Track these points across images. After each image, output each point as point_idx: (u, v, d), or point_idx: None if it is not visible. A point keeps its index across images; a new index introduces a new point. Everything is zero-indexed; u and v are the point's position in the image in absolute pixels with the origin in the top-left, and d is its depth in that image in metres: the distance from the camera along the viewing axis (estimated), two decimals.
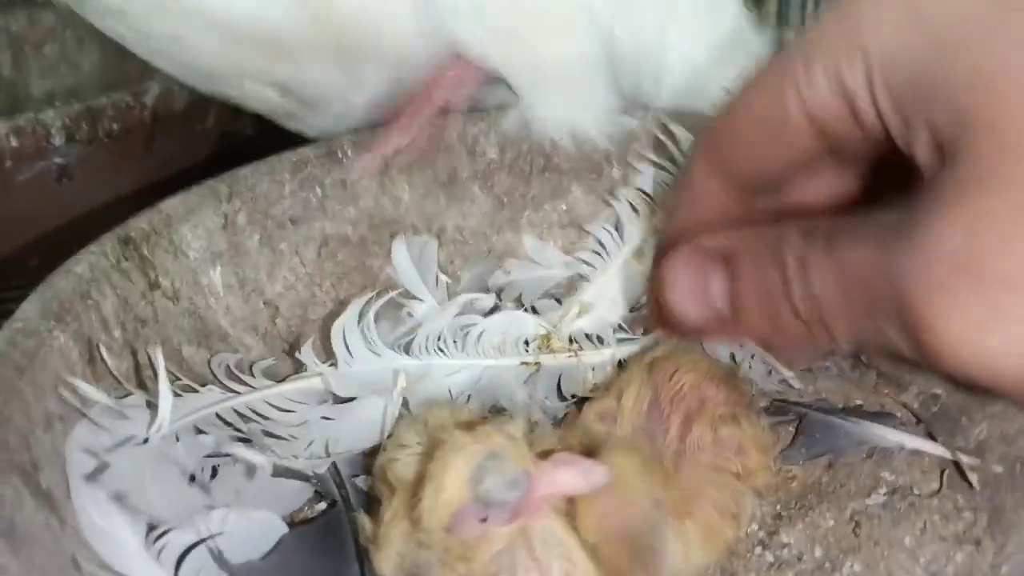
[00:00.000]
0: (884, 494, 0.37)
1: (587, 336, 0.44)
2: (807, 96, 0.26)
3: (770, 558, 0.35)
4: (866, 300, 0.23)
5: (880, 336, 0.23)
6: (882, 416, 0.39)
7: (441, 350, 0.42)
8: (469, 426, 0.32)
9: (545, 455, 0.31)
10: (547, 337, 0.44)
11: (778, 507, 0.37)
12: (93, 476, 0.31)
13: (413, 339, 0.43)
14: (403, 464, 0.33)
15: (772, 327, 0.26)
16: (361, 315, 0.43)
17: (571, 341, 0.43)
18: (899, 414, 0.40)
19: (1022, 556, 0.32)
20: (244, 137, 0.69)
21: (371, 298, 0.44)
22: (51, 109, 0.53)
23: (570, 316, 0.44)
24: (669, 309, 0.28)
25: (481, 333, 0.43)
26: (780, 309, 0.25)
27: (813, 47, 0.26)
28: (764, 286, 0.26)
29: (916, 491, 0.37)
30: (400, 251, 0.47)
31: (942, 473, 0.37)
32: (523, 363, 0.42)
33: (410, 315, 0.44)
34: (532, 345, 0.43)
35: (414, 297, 0.45)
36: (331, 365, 0.42)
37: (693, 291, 0.28)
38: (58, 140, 0.54)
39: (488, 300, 0.45)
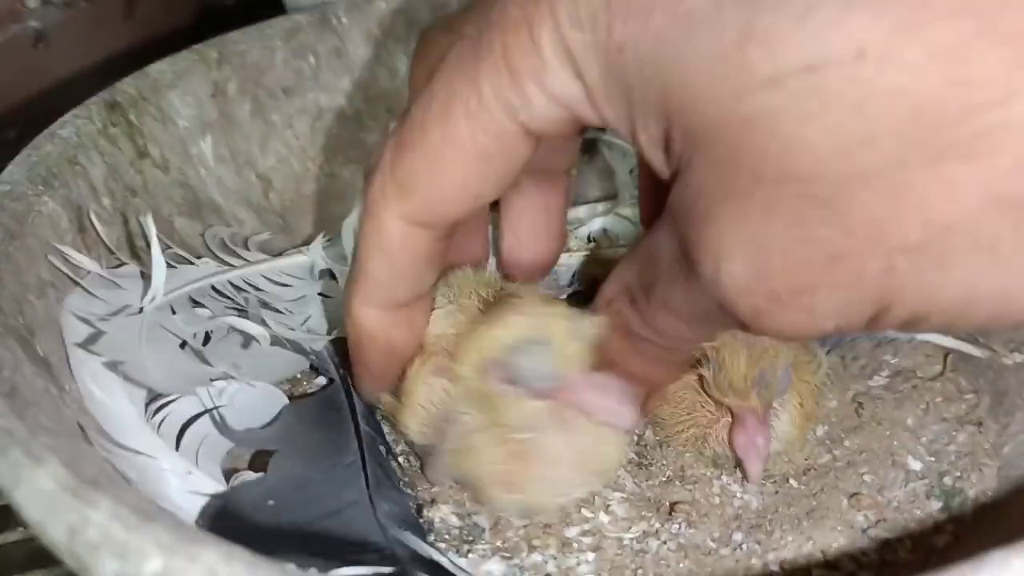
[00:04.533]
0: (887, 376, 0.37)
1: (605, 232, 0.43)
2: (525, 114, 0.25)
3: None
4: (704, 318, 0.26)
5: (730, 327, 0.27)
6: None
7: None
8: (546, 299, 0.32)
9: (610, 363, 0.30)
10: None
11: None
12: (87, 343, 0.30)
13: None
14: (437, 316, 0.32)
15: (674, 368, 0.31)
16: None
17: (589, 240, 0.42)
18: None
19: None
20: (227, 4, 0.66)
21: None
22: None
23: (591, 215, 0.43)
24: None
25: None
26: (662, 359, 0.29)
27: (514, 61, 0.24)
28: (645, 357, 0.29)
29: (919, 374, 0.37)
30: None
31: (945, 357, 0.37)
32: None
33: None
34: None
35: None
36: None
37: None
38: (32, 2, 0.52)
39: None
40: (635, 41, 0.22)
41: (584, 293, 0.40)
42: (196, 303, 0.35)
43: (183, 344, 0.33)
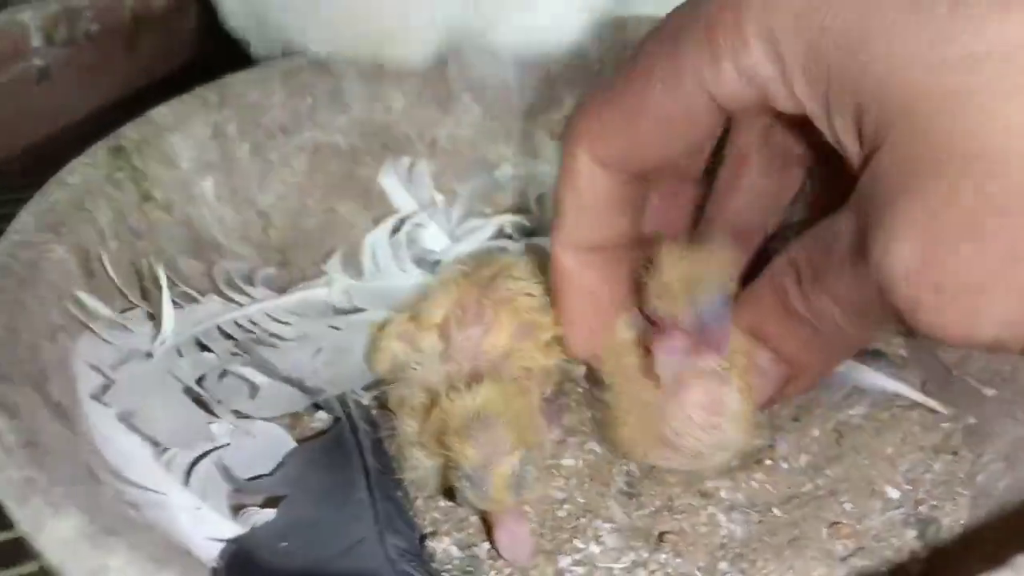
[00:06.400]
0: (866, 405, 0.38)
1: None
2: (715, 87, 0.27)
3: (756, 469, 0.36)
4: (865, 313, 0.27)
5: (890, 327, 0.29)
6: (870, 356, 0.39)
7: None
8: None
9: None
10: None
11: (773, 421, 0.38)
12: (99, 394, 0.32)
13: (440, 260, 0.44)
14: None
15: (823, 358, 0.32)
16: (393, 231, 0.44)
17: None
18: (888, 353, 0.40)
19: (997, 465, 0.34)
20: (228, 37, 0.68)
21: (404, 217, 0.45)
22: (28, 8, 0.52)
23: None
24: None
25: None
26: (821, 342, 0.30)
27: (716, 37, 0.26)
28: (797, 338, 0.30)
29: (898, 403, 0.38)
30: (390, 179, 0.47)
31: (923, 385, 0.39)
32: None
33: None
34: None
35: (418, 224, 0.46)
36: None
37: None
38: (36, 41, 0.53)
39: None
40: (841, 16, 0.23)
41: None
42: (202, 346, 0.37)
43: (191, 393, 0.34)
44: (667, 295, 0.32)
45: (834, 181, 0.28)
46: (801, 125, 0.28)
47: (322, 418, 0.38)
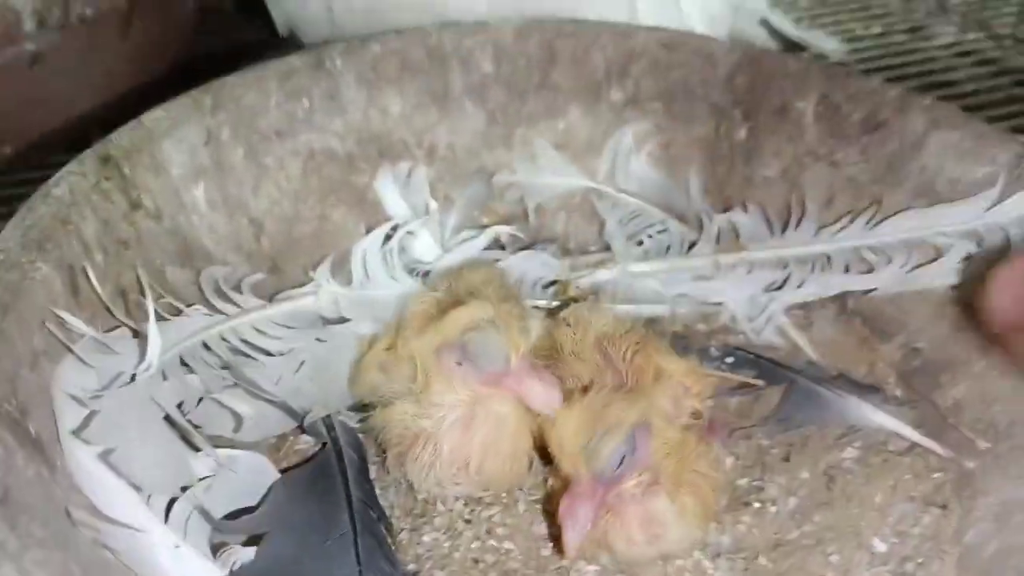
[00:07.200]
0: (858, 448, 0.38)
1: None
2: None
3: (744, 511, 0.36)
4: None
5: None
6: (869, 391, 0.39)
7: None
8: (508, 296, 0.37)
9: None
10: (565, 285, 0.43)
11: (764, 459, 0.38)
12: (79, 430, 0.31)
13: (431, 271, 0.43)
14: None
15: None
16: (385, 239, 0.44)
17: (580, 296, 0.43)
18: (886, 389, 0.40)
19: (986, 524, 0.34)
20: (224, 22, 0.66)
21: (397, 225, 0.44)
22: None
23: (591, 265, 0.45)
24: (990, 308, 0.29)
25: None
26: None
27: None
28: None
29: (890, 447, 0.38)
30: (386, 185, 0.46)
31: (919, 428, 0.38)
32: (535, 307, 0.41)
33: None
34: (549, 290, 0.43)
35: (410, 233, 0.45)
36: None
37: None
38: (28, 25, 0.52)
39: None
40: None
41: None
42: (186, 365, 0.36)
43: (170, 419, 0.33)
44: (564, 455, 0.32)
45: None
46: None
47: (307, 441, 0.38)
